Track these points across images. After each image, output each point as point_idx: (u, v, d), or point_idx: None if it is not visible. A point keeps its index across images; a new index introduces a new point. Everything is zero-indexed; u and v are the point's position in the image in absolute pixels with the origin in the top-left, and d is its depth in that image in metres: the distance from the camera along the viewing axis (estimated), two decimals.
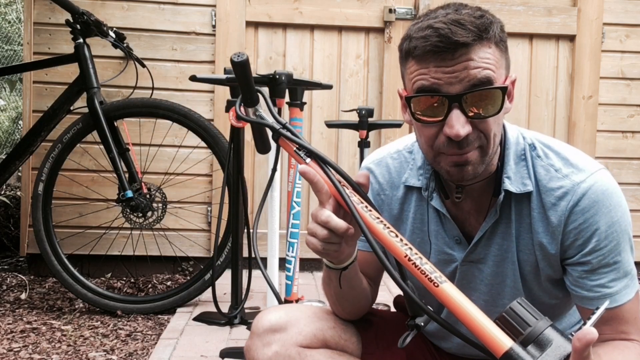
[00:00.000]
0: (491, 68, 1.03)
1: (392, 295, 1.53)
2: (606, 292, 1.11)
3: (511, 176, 1.14)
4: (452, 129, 1.02)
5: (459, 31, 1.00)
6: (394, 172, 1.28)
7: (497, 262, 1.19)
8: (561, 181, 1.12)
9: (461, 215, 1.21)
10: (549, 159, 1.14)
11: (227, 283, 2.71)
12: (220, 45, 3.28)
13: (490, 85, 1.02)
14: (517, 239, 1.17)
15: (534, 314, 0.84)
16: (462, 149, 1.05)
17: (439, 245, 1.24)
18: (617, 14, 3.49)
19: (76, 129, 2.75)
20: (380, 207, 1.29)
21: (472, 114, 1.03)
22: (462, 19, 1.01)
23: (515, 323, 0.83)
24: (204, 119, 2.74)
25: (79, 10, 2.67)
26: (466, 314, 0.87)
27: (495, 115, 1.05)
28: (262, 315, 1.26)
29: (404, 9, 3.38)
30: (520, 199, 1.15)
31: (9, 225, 3.81)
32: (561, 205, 1.11)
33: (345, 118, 3.13)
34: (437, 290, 0.90)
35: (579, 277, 1.13)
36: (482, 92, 1.02)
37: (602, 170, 1.13)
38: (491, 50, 1.03)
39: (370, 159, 1.34)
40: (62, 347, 2.32)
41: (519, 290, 1.20)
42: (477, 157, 1.07)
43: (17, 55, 6.07)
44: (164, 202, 2.78)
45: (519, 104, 3.50)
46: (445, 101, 1.03)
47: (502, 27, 1.07)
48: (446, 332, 1.30)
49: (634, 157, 3.50)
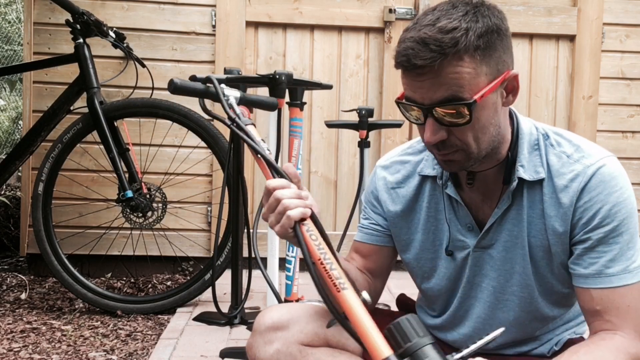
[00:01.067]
0: (458, 84, 1.06)
1: (393, 295, 1.53)
2: (602, 271, 1.12)
3: (525, 164, 1.18)
4: (425, 136, 1.12)
5: (420, 53, 1.05)
6: (409, 165, 1.33)
7: (506, 247, 1.22)
8: (573, 165, 1.16)
9: (474, 203, 1.25)
10: (562, 147, 1.19)
11: (227, 283, 2.72)
12: (220, 45, 3.28)
13: (456, 102, 1.06)
14: (528, 225, 1.19)
15: (418, 330, 0.89)
16: (440, 152, 1.14)
17: (452, 232, 1.27)
18: (617, 14, 3.49)
19: (76, 129, 2.75)
20: (393, 199, 1.34)
21: (447, 122, 1.09)
22: (428, 38, 1.04)
23: (398, 336, 0.89)
24: (204, 119, 2.74)
25: (79, 10, 2.67)
26: (359, 320, 0.93)
27: (467, 125, 1.09)
28: (264, 314, 1.26)
29: (404, 9, 3.38)
30: (533, 186, 1.19)
31: (9, 225, 3.81)
32: (573, 187, 1.15)
33: (345, 118, 3.13)
34: (339, 295, 0.97)
35: (579, 255, 1.15)
36: (449, 106, 1.07)
37: (612, 157, 1.18)
38: (462, 63, 1.05)
39: (384, 158, 1.40)
40: (62, 347, 2.32)
41: (529, 276, 1.21)
42: (461, 157, 1.14)
43: (17, 55, 6.07)
44: (164, 202, 2.78)
45: (519, 103, 3.50)
46: (421, 110, 1.10)
47: (488, 28, 1.07)
48: (453, 324, 1.33)
49: (634, 157, 3.50)
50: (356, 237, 1.40)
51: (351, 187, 3.41)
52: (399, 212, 1.33)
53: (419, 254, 1.32)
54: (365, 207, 1.40)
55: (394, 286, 3.00)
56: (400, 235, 1.34)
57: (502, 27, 1.10)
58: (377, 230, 1.36)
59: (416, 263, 1.33)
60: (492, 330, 1.27)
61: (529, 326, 1.27)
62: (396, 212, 1.33)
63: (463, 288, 1.28)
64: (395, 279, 3.15)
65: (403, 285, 1.55)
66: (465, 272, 1.27)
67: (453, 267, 1.28)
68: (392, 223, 1.34)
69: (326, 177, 3.45)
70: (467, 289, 1.28)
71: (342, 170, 3.45)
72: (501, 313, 1.26)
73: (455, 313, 1.31)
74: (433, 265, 1.31)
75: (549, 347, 1.30)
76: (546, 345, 1.31)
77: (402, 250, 1.36)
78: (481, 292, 1.27)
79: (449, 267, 1.29)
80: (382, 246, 1.36)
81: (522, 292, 1.23)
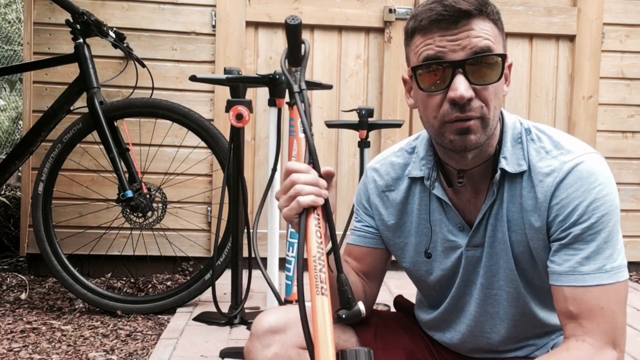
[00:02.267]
0: (490, 39, 1.10)
1: (392, 295, 1.53)
2: (576, 268, 1.10)
3: (507, 157, 1.18)
4: (456, 91, 1.08)
5: (461, 1, 1.08)
6: (398, 167, 1.33)
7: (490, 243, 1.22)
8: (550, 161, 1.16)
9: (462, 203, 1.24)
10: (542, 142, 1.19)
11: (227, 283, 2.72)
12: (220, 45, 3.28)
13: (492, 53, 1.10)
14: (508, 220, 1.19)
15: None
16: (464, 113, 1.10)
17: (443, 234, 1.27)
18: (617, 14, 3.49)
19: (76, 129, 2.75)
20: (384, 203, 1.33)
21: (474, 79, 1.10)
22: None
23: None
24: (204, 119, 2.74)
25: (79, 10, 2.67)
26: (320, 329, 0.92)
27: (495, 83, 1.11)
28: (261, 317, 1.26)
29: (404, 9, 3.38)
30: (513, 179, 1.18)
31: (9, 225, 3.81)
32: (547, 182, 1.14)
33: (345, 118, 3.13)
34: (314, 297, 0.95)
35: (555, 251, 1.13)
36: (483, 58, 1.09)
37: (593, 154, 1.15)
38: (490, 25, 1.12)
39: (374, 160, 1.39)
40: (62, 347, 2.32)
41: (512, 271, 1.21)
42: (478, 126, 1.12)
43: (17, 55, 6.08)
44: (164, 202, 2.78)
45: (519, 103, 3.50)
46: (450, 68, 1.09)
47: (498, 11, 1.16)
48: (450, 323, 1.33)
49: (634, 157, 3.50)
50: (349, 240, 1.39)
51: (351, 187, 3.41)
52: (390, 216, 1.32)
53: (414, 257, 1.32)
54: (358, 210, 1.39)
55: (394, 286, 3.00)
56: (393, 239, 1.33)
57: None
58: (370, 233, 1.36)
59: (412, 266, 1.33)
60: (486, 327, 1.27)
61: (521, 324, 1.26)
62: (388, 216, 1.32)
63: (457, 287, 1.28)
64: (395, 278, 3.16)
65: (403, 285, 1.55)
66: (460, 271, 1.27)
67: (448, 267, 1.28)
68: (384, 227, 1.33)
69: None
70: (462, 287, 1.28)
71: (342, 170, 3.45)
72: (491, 308, 1.26)
73: (451, 311, 1.31)
74: (429, 268, 1.31)
75: (546, 351, 1.30)
76: (542, 349, 1.30)
77: (397, 255, 1.35)
78: (473, 289, 1.27)
79: (444, 268, 1.28)
80: (376, 248, 1.36)
81: (509, 287, 1.22)
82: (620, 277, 1.09)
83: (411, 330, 1.40)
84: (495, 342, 1.28)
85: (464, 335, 1.30)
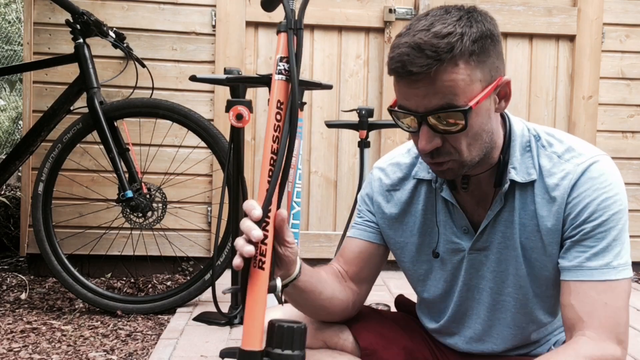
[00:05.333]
0: (453, 91, 1.05)
1: (392, 295, 1.53)
2: (583, 263, 1.11)
3: (517, 166, 1.18)
4: (419, 144, 1.10)
5: (415, 60, 1.03)
6: (405, 167, 1.33)
7: (500, 249, 1.22)
8: (564, 165, 1.16)
9: (469, 206, 1.25)
10: (553, 147, 1.19)
11: (227, 283, 2.72)
12: (220, 45, 3.28)
13: (451, 109, 1.05)
14: (520, 227, 1.19)
15: (295, 343, 0.92)
16: (434, 160, 1.12)
17: (447, 235, 1.27)
18: (617, 14, 3.49)
19: (76, 129, 2.75)
20: (388, 202, 1.33)
21: (441, 129, 1.08)
22: (423, 43, 1.03)
23: (275, 337, 0.93)
24: (204, 119, 2.74)
25: (79, 10, 2.67)
26: (251, 303, 0.96)
27: (462, 132, 1.08)
28: None
29: (404, 9, 3.38)
30: (525, 187, 1.19)
31: (9, 225, 3.81)
32: (564, 184, 1.15)
33: (345, 118, 3.13)
34: (253, 270, 0.99)
35: (566, 248, 1.15)
36: (444, 114, 1.06)
37: (603, 156, 1.17)
38: (457, 69, 1.04)
39: (381, 159, 1.40)
40: (62, 347, 2.32)
41: (522, 277, 1.21)
42: (454, 166, 1.13)
43: (17, 55, 6.08)
44: (164, 202, 2.78)
45: (519, 103, 3.50)
46: (415, 118, 1.09)
47: (482, 34, 1.07)
48: (454, 327, 1.32)
49: (634, 157, 3.50)
50: (349, 233, 1.39)
51: (351, 187, 3.41)
52: (393, 214, 1.32)
53: (415, 257, 1.32)
54: (360, 206, 1.39)
55: (394, 286, 3.00)
56: (394, 238, 1.34)
57: (494, 33, 1.10)
58: (370, 227, 1.36)
59: (412, 266, 1.33)
60: (494, 332, 1.27)
61: (526, 329, 1.27)
62: (390, 214, 1.33)
63: (460, 291, 1.28)
64: (395, 278, 3.16)
65: (403, 285, 1.55)
66: (461, 275, 1.27)
67: (449, 269, 1.28)
68: (386, 225, 1.34)
69: (326, 177, 3.45)
70: (465, 291, 1.28)
71: (342, 170, 3.45)
72: (500, 313, 1.26)
73: (455, 315, 1.31)
74: (429, 268, 1.31)
75: (547, 348, 1.30)
76: (545, 346, 1.31)
77: (397, 254, 1.35)
78: (479, 294, 1.27)
79: (444, 269, 1.29)
80: (374, 243, 1.35)
81: (517, 294, 1.23)
82: (626, 274, 1.11)
83: (411, 329, 1.40)
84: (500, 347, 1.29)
85: (470, 339, 1.31)
